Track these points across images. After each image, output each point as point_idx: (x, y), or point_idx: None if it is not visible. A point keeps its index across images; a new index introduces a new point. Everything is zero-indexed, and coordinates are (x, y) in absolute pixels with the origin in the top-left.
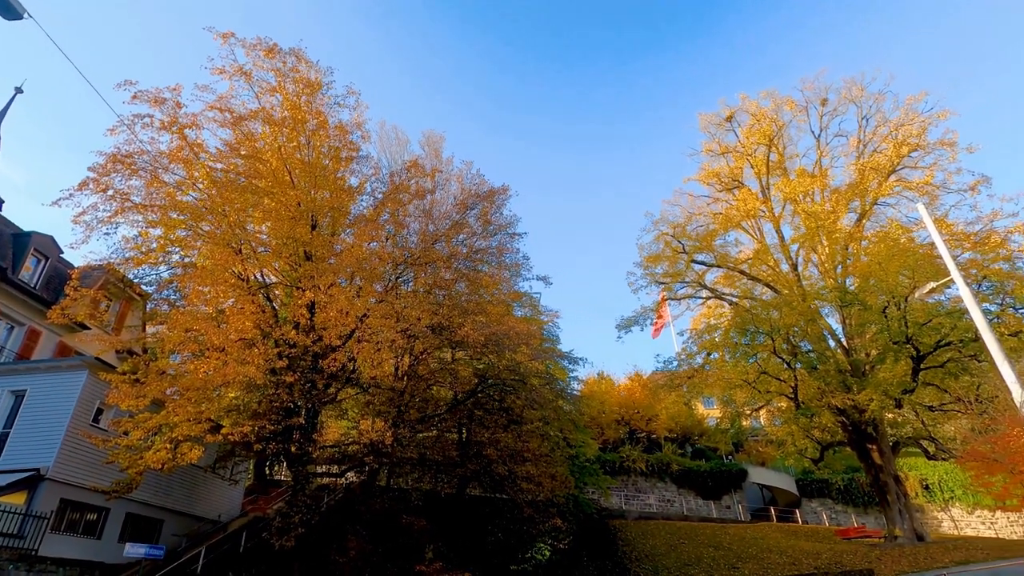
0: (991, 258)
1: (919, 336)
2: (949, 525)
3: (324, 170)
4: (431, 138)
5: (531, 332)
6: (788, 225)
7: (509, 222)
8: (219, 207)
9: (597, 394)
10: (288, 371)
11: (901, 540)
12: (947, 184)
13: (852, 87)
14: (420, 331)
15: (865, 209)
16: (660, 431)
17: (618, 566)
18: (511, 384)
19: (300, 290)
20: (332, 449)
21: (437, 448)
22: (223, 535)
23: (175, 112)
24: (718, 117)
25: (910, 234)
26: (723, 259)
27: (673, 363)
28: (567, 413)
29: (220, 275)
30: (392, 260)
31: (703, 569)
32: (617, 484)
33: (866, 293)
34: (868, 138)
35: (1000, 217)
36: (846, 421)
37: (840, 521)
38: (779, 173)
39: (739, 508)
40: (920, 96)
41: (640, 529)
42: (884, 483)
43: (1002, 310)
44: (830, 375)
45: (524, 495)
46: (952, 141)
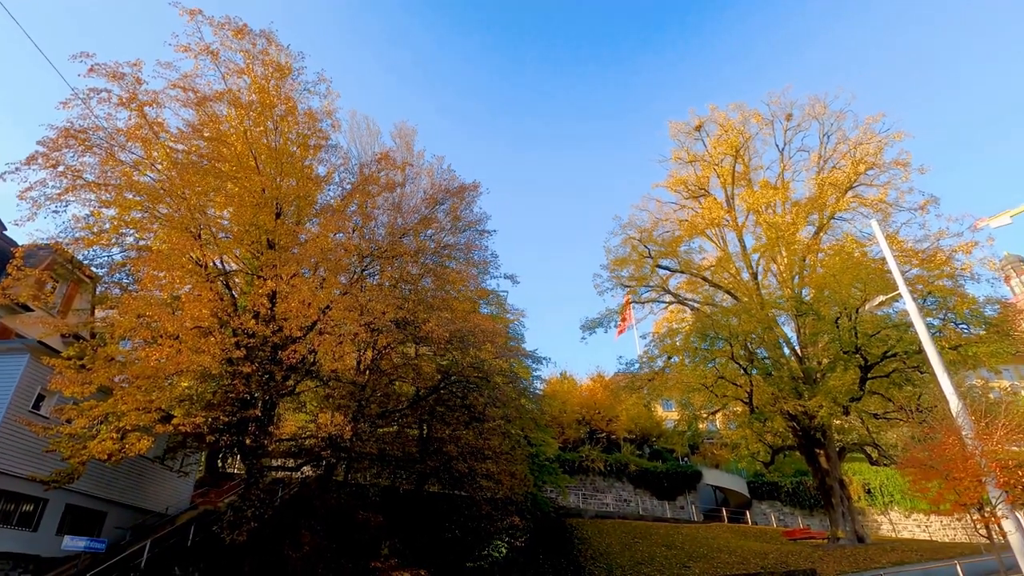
0: (936, 275)
1: (868, 347)
2: (888, 528)
3: (291, 157)
4: (403, 131)
5: (496, 330)
6: (750, 235)
7: (478, 219)
8: (179, 190)
9: (559, 394)
10: (246, 361)
11: (843, 541)
12: (899, 202)
13: (816, 104)
14: (384, 325)
15: (823, 223)
16: (620, 432)
17: (573, 564)
18: (474, 381)
19: (261, 279)
20: (289, 442)
21: (397, 444)
22: (170, 528)
23: (135, 88)
24: (688, 126)
25: (863, 248)
26: (687, 265)
27: (635, 365)
28: (529, 412)
29: (177, 260)
30: (358, 252)
31: (656, 568)
32: (575, 483)
33: (820, 304)
34: (828, 154)
35: (946, 236)
36: (797, 426)
37: (788, 522)
38: (744, 184)
39: (692, 508)
40: (878, 117)
41: (596, 528)
42: (830, 487)
43: (944, 324)
44: (784, 382)
45: (483, 492)
46: (906, 161)
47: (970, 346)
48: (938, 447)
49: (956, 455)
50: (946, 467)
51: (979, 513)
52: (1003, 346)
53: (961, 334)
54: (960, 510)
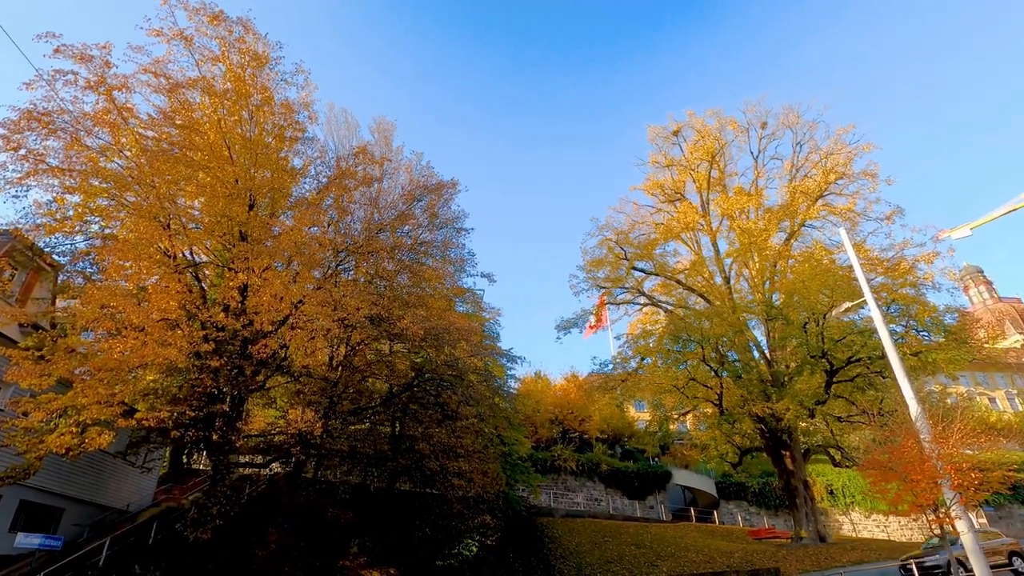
0: (900, 283)
1: (833, 351)
2: (849, 527)
3: (266, 148)
4: (382, 125)
5: (472, 328)
6: (724, 239)
7: (456, 216)
8: (148, 177)
9: (533, 393)
10: (214, 355)
11: (806, 541)
12: (867, 212)
13: (789, 114)
14: (358, 321)
15: (794, 229)
16: (592, 432)
17: (543, 563)
18: (448, 379)
19: (232, 271)
20: (257, 439)
21: (369, 441)
22: (131, 526)
23: (103, 71)
24: (665, 130)
25: (832, 256)
26: (662, 268)
27: (609, 366)
28: (503, 411)
29: (144, 250)
30: (333, 247)
31: (625, 567)
32: (547, 482)
33: (790, 309)
34: (801, 163)
35: (910, 246)
36: (764, 428)
37: (753, 522)
38: (719, 189)
39: (662, 508)
40: (848, 128)
41: (567, 527)
42: (794, 487)
43: (906, 331)
44: (753, 384)
45: (455, 491)
46: (874, 172)
47: (930, 353)
48: (897, 450)
49: (914, 458)
50: (905, 469)
51: (934, 514)
52: (961, 353)
53: (922, 341)
54: (917, 511)
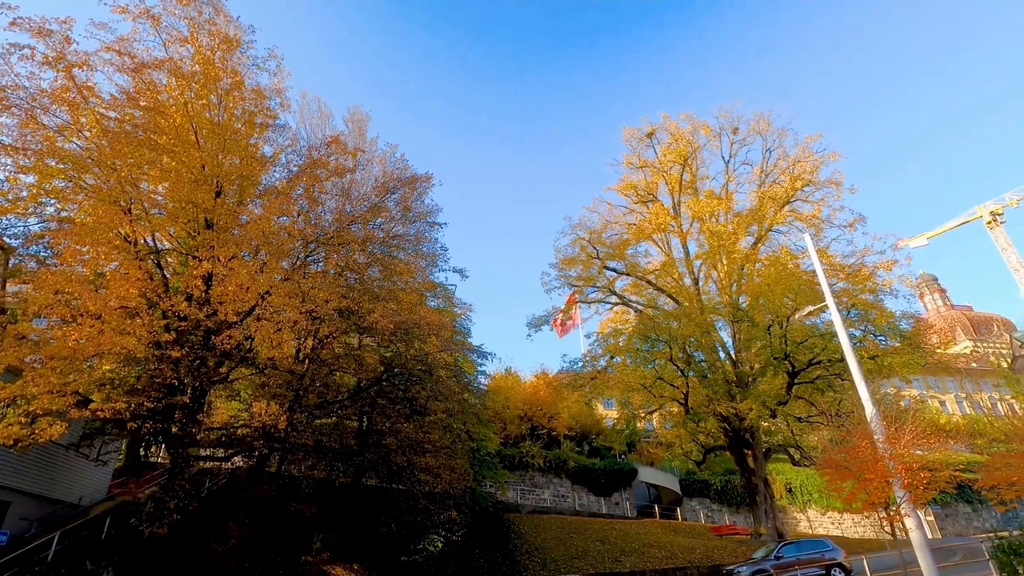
0: (860, 289)
1: (796, 354)
2: (805, 524)
3: (236, 134)
4: (356, 115)
5: (443, 323)
6: (694, 242)
7: (430, 211)
8: (108, 160)
9: (503, 389)
10: (175, 345)
11: (765, 537)
12: (831, 219)
13: (760, 120)
14: (327, 314)
15: (761, 234)
16: (561, 429)
17: (508, 558)
18: (418, 374)
19: (197, 260)
20: (219, 431)
21: (335, 435)
22: (83, 520)
23: (63, 47)
24: (640, 132)
25: (796, 261)
26: (633, 268)
27: (578, 364)
28: (472, 406)
29: (103, 235)
30: (303, 237)
31: (589, 562)
32: (515, 478)
33: (755, 311)
34: (770, 169)
35: (870, 253)
36: (728, 427)
37: (715, 519)
38: (690, 192)
39: (627, 505)
40: (816, 136)
41: (533, 523)
42: (755, 485)
43: (864, 335)
44: (718, 384)
45: (422, 486)
46: (838, 181)
47: (886, 356)
48: (853, 450)
49: (868, 457)
50: (859, 468)
51: (885, 511)
52: (915, 358)
53: (879, 345)
54: (869, 508)
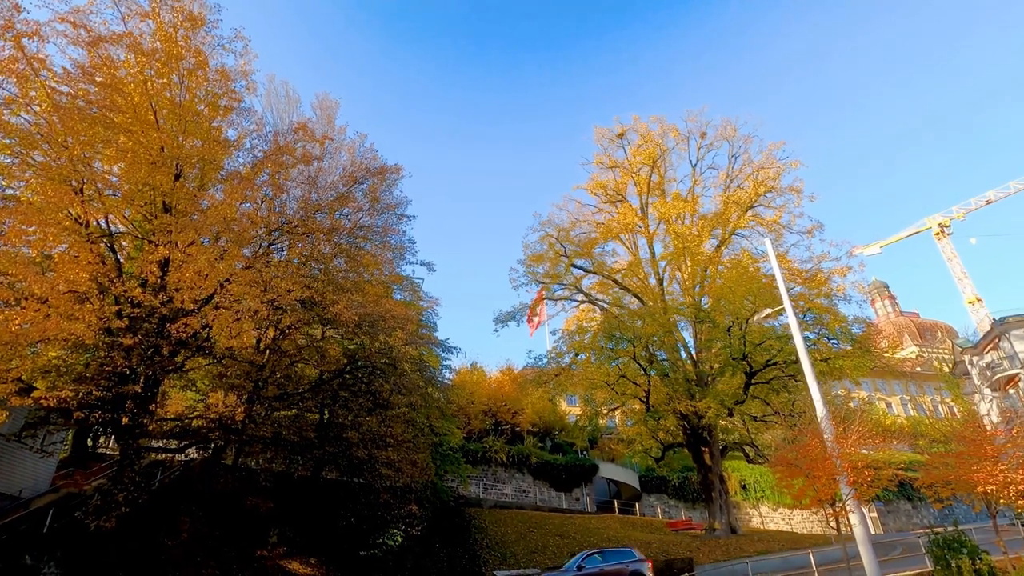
0: (816, 293)
1: (753, 355)
2: (758, 520)
3: (198, 116)
4: (325, 103)
5: (408, 317)
6: (660, 243)
7: (399, 202)
8: (60, 136)
9: (468, 384)
10: (128, 333)
11: (719, 532)
12: (791, 225)
13: (728, 126)
14: (289, 304)
15: (725, 237)
16: (524, 424)
17: (468, 552)
18: (381, 367)
19: (153, 244)
20: (173, 422)
21: (295, 428)
22: (23, 513)
23: (12, 15)
24: (611, 132)
25: (757, 264)
26: (600, 267)
27: (544, 360)
28: (436, 401)
29: (52, 215)
30: (266, 225)
31: (548, 556)
32: (477, 473)
33: (717, 312)
34: (735, 174)
35: (827, 259)
36: (687, 425)
37: (672, 514)
38: (658, 194)
39: (587, 500)
40: (779, 144)
41: (494, 517)
42: (711, 482)
43: (818, 338)
44: (679, 383)
45: (383, 480)
46: (799, 188)
47: (838, 359)
48: (803, 448)
49: (817, 456)
50: (808, 466)
51: (832, 508)
52: (865, 361)
53: (832, 348)
54: (817, 505)
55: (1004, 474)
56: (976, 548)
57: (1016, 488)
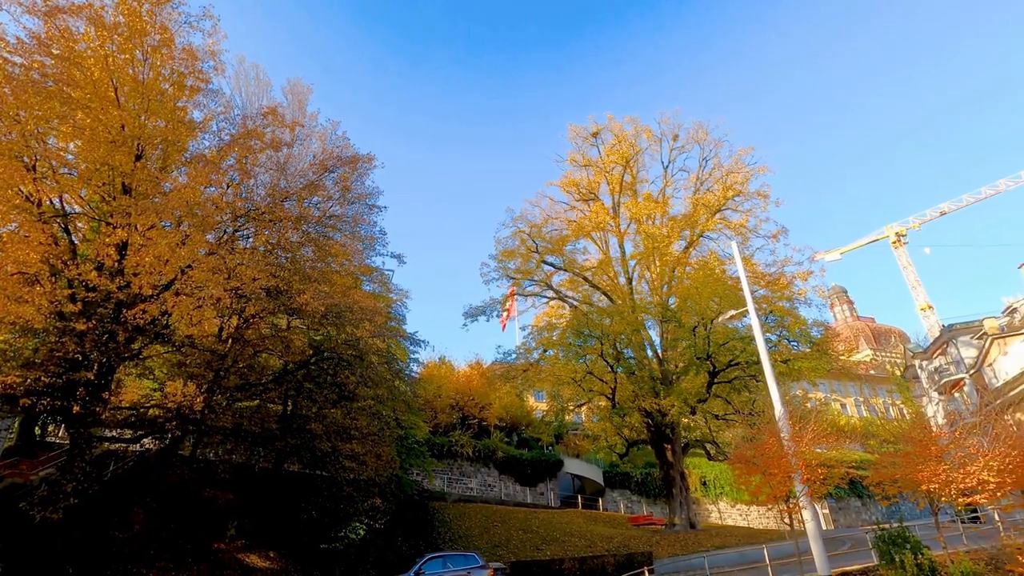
0: (778, 296)
1: (717, 355)
2: (716, 516)
3: (162, 95)
4: (296, 88)
5: (377, 308)
6: (630, 242)
7: (370, 192)
8: (11, 109)
9: (436, 378)
10: (81, 317)
11: (678, 527)
12: (757, 229)
13: (699, 130)
14: (254, 292)
15: (693, 239)
16: (491, 419)
17: (432, 546)
18: (348, 359)
19: (111, 226)
20: (128, 411)
21: (256, 419)
22: None
23: None
24: (586, 131)
25: (723, 266)
26: (571, 264)
27: (512, 356)
28: (403, 394)
29: (1, 192)
30: (232, 210)
31: (511, 550)
32: (443, 467)
33: (683, 313)
34: (704, 177)
35: (790, 264)
36: (651, 422)
37: (634, 510)
38: (630, 194)
39: (551, 495)
40: (748, 150)
41: (459, 511)
42: (672, 478)
43: (779, 340)
44: (644, 381)
45: (346, 473)
46: (766, 193)
47: (797, 361)
48: (762, 447)
49: (774, 454)
50: (765, 464)
51: (786, 504)
52: (822, 363)
53: (792, 350)
54: (772, 501)
55: (946, 473)
56: (919, 544)
57: (956, 487)
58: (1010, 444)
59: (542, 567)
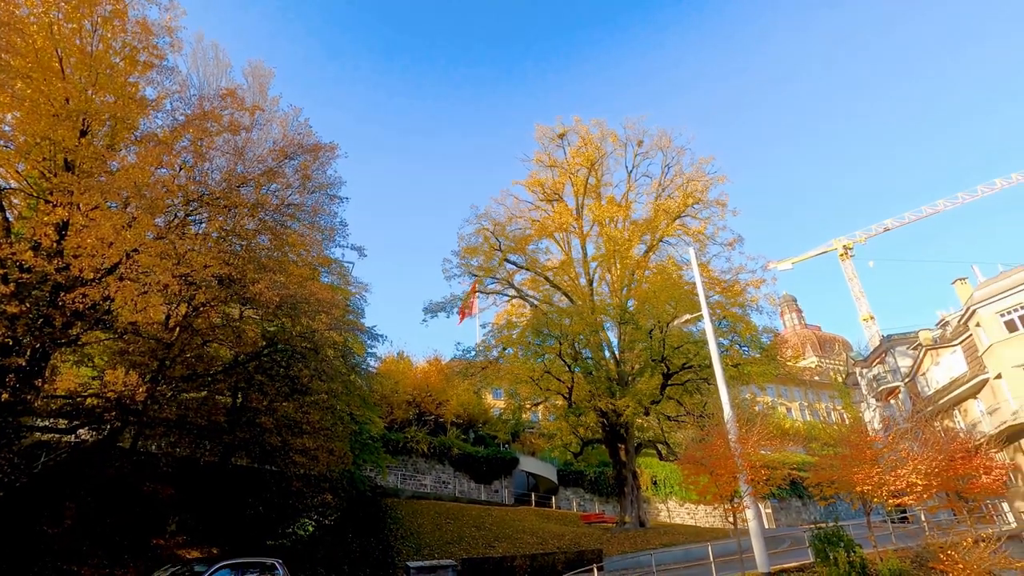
0: (731, 303)
1: (672, 357)
2: (666, 514)
3: (112, 69)
4: (258, 70)
5: (335, 301)
6: (592, 244)
7: (332, 182)
8: None
9: (394, 373)
10: (13, 299)
11: (628, 525)
12: (714, 236)
13: (663, 136)
14: (205, 280)
15: (653, 243)
16: (448, 416)
17: (382, 543)
18: (302, 352)
19: (50, 204)
20: (63, 400)
21: (203, 411)
22: None
23: None
24: (552, 132)
25: (680, 272)
26: (533, 263)
27: (472, 353)
28: (358, 388)
29: None
30: (184, 194)
31: (463, 547)
32: (397, 463)
33: (641, 315)
34: (666, 184)
35: (744, 271)
36: (606, 422)
37: (587, 508)
38: (594, 196)
39: (506, 492)
40: (709, 159)
41: (412, 508)
42: (624, 477)
43: (731, 345)
44: (601, 381)
45: (296, 468)
46: (724, 202)
47: (747, 365)
48: (710, 448)
49: (721, 455)
50: (712, 464)
51: (731, 503)
52: (771, 368)
53: (742, 355)
54: (718, 500)
55: (879, 476)
56: (851, 542)
57: (888, 488)
58: (937, 449)
59: (493, 564)
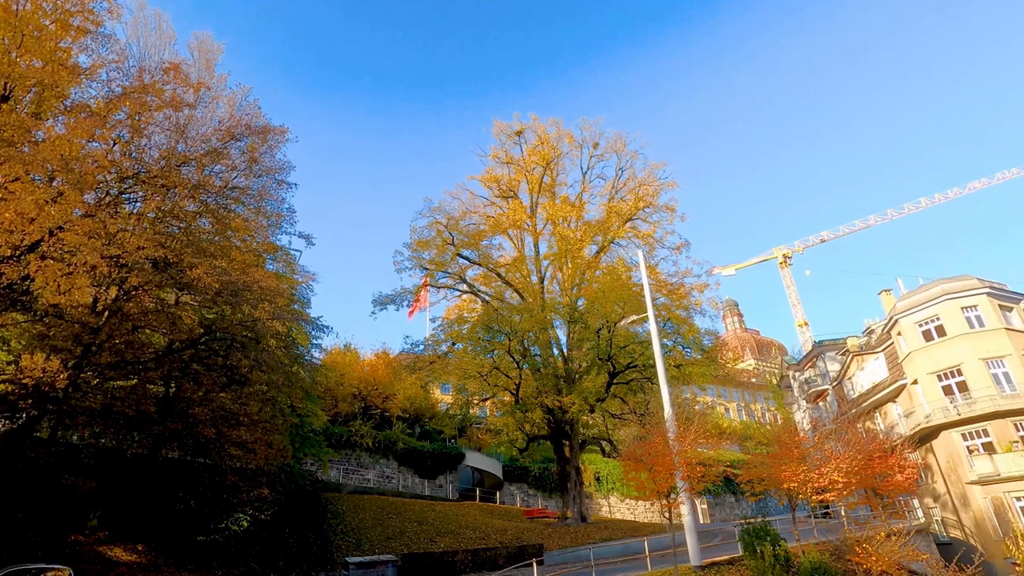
0: (676, 305)
1: (618, 356)
2: (607, 510)
3: (41, 32)
4: (205, 45)
5: (279, 289)
6: (545, 242)
7: (281, 167)
8: None
9: (340, 365)
10: None
11: (570, 520)
12: (663, 241)
13: (618, 140)
14: (138, 262)
15: (604, 244)
16: (395, 410)
17: (321, 538)
18: (242, 341)
19: None
20: None
21: (131, 400)
22: None
23: None
24: (510, 128)
25: (629, 273)
26: (486, 259)
27: (421, 347)
28: (301, 380)
29: None
30: (118, 170)
31: (404, 542)
32: (340, 457)
33: (590, 315)
34: (619, 186)
35: (689, 275)
36: (552, 419)
37: (531, 503)
38: (548, 195)
39: (451, 487)
40: (661, 164)
41: (353, 503)
42: (568, 473)
43: (674, 346)
44: (548, 378)
45: (232, 461)
46: (673, 207)
47: (688, 366)
48: (650, 445)
49: (659, 452)
50: (651, 461)
51: (667, 499)
52: (711, 369)
53: (684, 356)
54: (656, 496)
55: (805, 473)
56: (777, 536)
57: (812, 485)
58: (858, 449)
59: (435, 559)
